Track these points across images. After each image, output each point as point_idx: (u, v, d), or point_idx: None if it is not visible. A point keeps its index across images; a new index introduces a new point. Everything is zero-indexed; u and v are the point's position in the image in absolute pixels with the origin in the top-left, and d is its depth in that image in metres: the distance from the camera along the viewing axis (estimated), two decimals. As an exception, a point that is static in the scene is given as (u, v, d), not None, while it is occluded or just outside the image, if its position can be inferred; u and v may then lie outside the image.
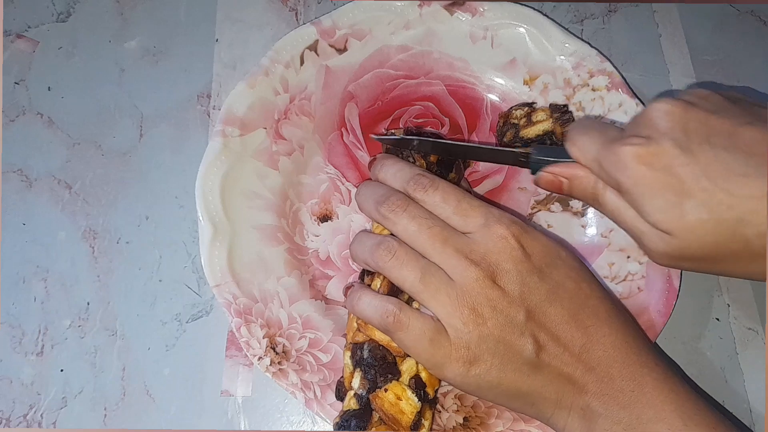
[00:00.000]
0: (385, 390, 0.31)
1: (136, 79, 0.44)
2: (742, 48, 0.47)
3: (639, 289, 0.38)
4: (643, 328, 0.36)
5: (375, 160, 0.37)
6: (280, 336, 0.36)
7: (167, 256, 0.40)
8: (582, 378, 0.30)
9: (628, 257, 0.39)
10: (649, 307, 0.37)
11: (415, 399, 0.31)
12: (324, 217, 0.40)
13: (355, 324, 0.33)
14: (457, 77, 0.43)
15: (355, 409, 0.32)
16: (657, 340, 0.37)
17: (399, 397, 0.31)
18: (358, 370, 0.32)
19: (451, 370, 0.30)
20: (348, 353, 0.33)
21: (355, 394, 0.32)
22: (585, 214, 0.41)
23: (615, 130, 0.32)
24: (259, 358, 0.35)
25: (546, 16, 0.42)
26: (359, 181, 0.41)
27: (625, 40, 0.47)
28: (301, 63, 0.41)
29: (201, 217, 0.37)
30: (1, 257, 0.40)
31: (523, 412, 0.31)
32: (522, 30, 0.42)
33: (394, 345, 0.31)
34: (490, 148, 0.37)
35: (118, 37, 0.46)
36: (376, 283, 0.33)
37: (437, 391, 0.33)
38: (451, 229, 0.32)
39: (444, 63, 0.43)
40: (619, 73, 0.41)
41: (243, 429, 0.36)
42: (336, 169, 0.41)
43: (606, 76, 0.41)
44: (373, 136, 0.39)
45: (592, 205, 0.34)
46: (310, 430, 0.37)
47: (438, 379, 0.33)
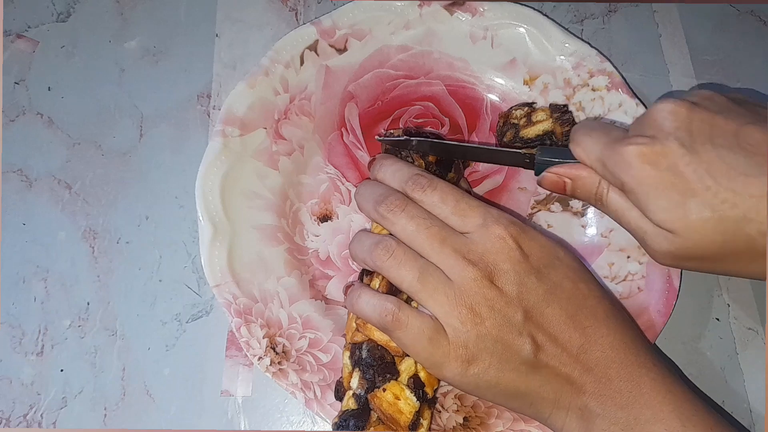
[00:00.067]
0: (384, 390, 0.31)
1: (136, 79, 0.44)
2: (742, 48, 0.47)
3: (639, 289, 0.38)
4: (643, 328, 0.36)
5: (374, 160, 0.37)
6: (280, 336, 0.36)
7: (167, 256, 0.40)
8: (580, 378, 0.30)
9: (628, 257, 0.39)
10: (649, 307, 0.37)
11: (414, 398, 0.31)
12: (324, 217, 0.40)
13: (354, 324, 0.33)
14: (457, 77, 0.43)
15: (353, 409, 0.32)
16: (657, 340, 0.37)
17: (397, 397, 0.31)
18: (356, 369, 0.32)
19: (449, 370, 0.30)
20: (347, 353, 0.33)
21: (353, 394, 0.32)
22: (585, 214, 0.41)
23: (619, 131, 0.32)
24: (259, 358, 0.35)
25: (546, 16, 0.42)
26: (359, 181, 0.41)
27: (625, 40, 0.47)
28: (301, 63, 0.41)
29: (201, 217, 0.37)
30: (1, 257, 0.40)
31: (522, 412, 0.31)
32: (522, 30, 0.42)
33: (393, 345, 0.32)
34: (493, 148, 0.37)
35: (118, 37, 0.46)
36: (375, 282, 0.33)
37: (436, 390, 0.33)
38: (450, 229, 0.32)
39: (444, 63, 0.43)
40: (619, 73, 0.41)
41: (243, 429, 0.36)
42: (336, 169, 0.41)
43: (606, 76, 0.41)
44: (377, 138, 0.39)
45: (595, 205, 0.34)
46: (310, 430, 0.37)
47: (437, 379, 0.33)
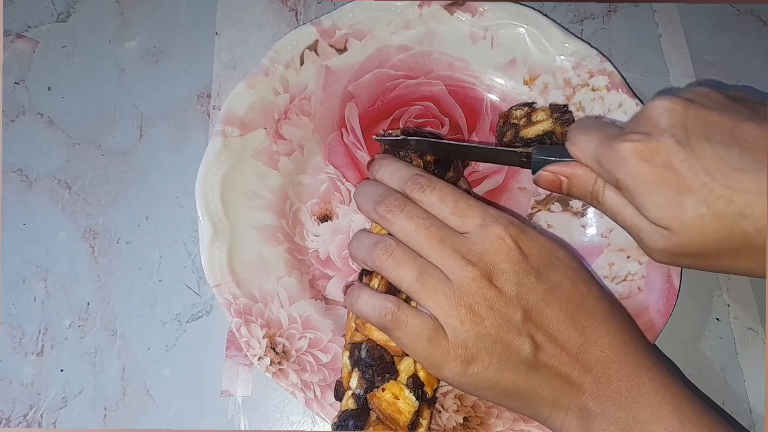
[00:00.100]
0: (383, 389, 0.31)
1: (136, 79, 0.44)
2: (742, 48, 0.47)
3: (639, 289, 0.38)
4: (643, 328, 0.36)
5: (373, 160, 0.37)
6: (280, 336, 0.36)
7: (167, 256, 0.40)
8: (579, 378, 0.30)
9: (628, 257, 0.39)
10: (649, 307, 0.37)
11: (413, 398, 0.31)
12: (324, 217, 0.40)
13: (353, 324, 0.33)
14: (457, 77, 0.43)
15: (352, 409, 0.32)
16: (657, 340, 0.37)
17: (396, 397, 0.31)
18: (356, 369, 0.32)
19: (448, 369, 0.30)
20: (346, 353, 0.33)
21: (353, 394, 0.32)
22: (585, 214, 0.41)
23: (614, 128, 0.32)
24: (259, 358, 0.35)
25: (546, 16, 0.42)
26: (359, 181, 0.41)
27: (625, 40, 0.47)
28: (301, 63, 0.41)
29: (201, 217, 0.37)
30: (1, 257, 0.40)
31: (521, 411, 0.31)
32: (522, 30, 0.42)
33: (392, 344, 0.31)
34: (490, 148, 0.37)
35: (118, 37, 0.46)
36: (374, 282, 0.33)
37: (436, 390, 0.33)
38: (449, 229, 0.32)
39: (444, 63, 0.43)
40: (619, 73, 0.41)
41: (243, 429, 0.36)
42: (336, 169, 0.41)
43: (606, 76, 0.41)
44: (374, 137, 0.39)
45: (592, 203, 0.34)
46: (310, 430, 0.37)
47: (436, 379, 0.32)
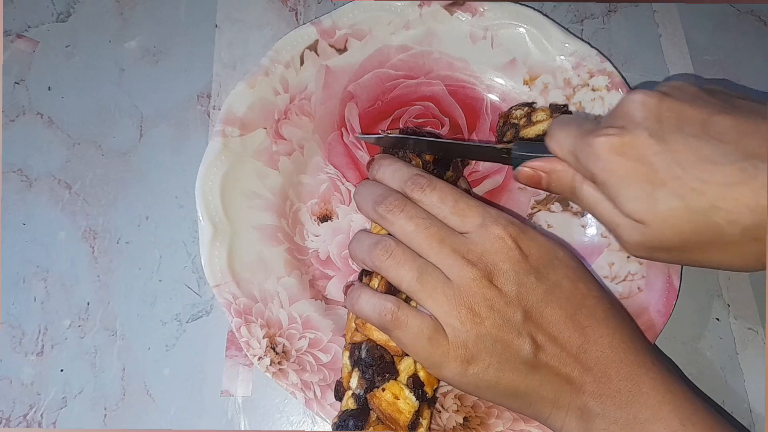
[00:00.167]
0: (383, 389, 0.31)
1: (136, 79, 0.44)
2: (742, 48, 0.47)
3: (639, 289, 0.38)
4: (643, 328, 0.36)
5: (373, 160, 0.37)
6: (280, 336, 0.36)
7: (167, 256, 0.40)
8: (579, 378, 0.30)
9: (628, 257, 0.39)
10: (649, 307, 0.37)
11: (413, 398, 0.31)
12: (324, 217, 0.40)
13: (353, 324, 0.33)
14: (457, 77, 0.43)
15: (352, 409, 0.32)
16: (657, 340, 0.37)
17: (396, 397, 0.31)
18: (356, 369, 0.32)
19: (449, 369, 0.30)
20: (346, 353, 0.33)
21: (353, 394, 0.32)
22: (585, 214, 0.41)
23: (591, 123, 0.32)
24: (259, 358, 0.35)
25: (546, 16, 0.42)
26: (359, 181, 0.41)
27: (625, 40, 0.47)
28: (301, 63, 0.41)
29: (201, 217, 0.37)
30: (1, 257, 0.40)
31: (521, 411, 0.31)
32: (522, 30, 0.42)
33: (392, 344, 0.31)
34: (469, 144, 0.37)
35: (118, 37, 0.46)
36: (374, 282, 0.33)
37: (436, 390, 0.33)
38: (449, 229, 0.32)
39: (444, 63, 0.43)
40: (619, 73, 0.41)
41: (243, 429, 0.36)
42: (336, 169, 0.41)
43: (606, 76, 0.41)
44: (359, 135, 0.38)
45: (571, 198, 0.34)
46: (310, 430, 0.37)
47: (436, 379, 0.32)
